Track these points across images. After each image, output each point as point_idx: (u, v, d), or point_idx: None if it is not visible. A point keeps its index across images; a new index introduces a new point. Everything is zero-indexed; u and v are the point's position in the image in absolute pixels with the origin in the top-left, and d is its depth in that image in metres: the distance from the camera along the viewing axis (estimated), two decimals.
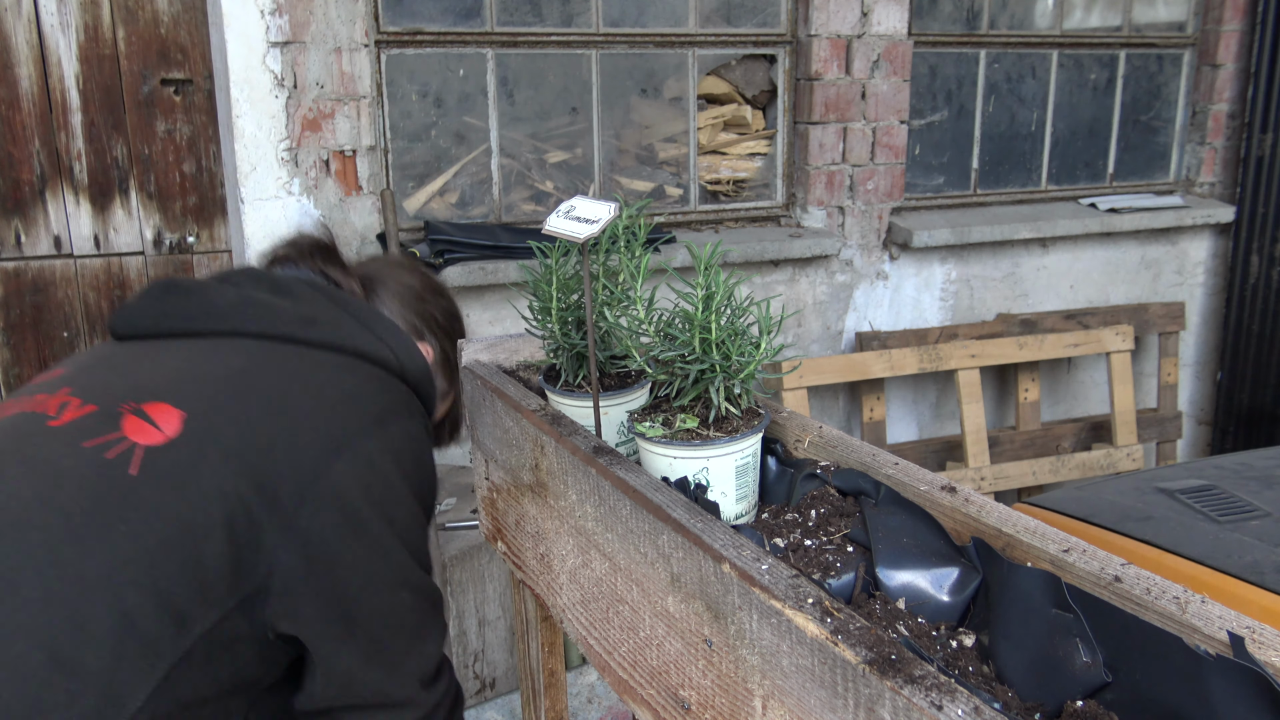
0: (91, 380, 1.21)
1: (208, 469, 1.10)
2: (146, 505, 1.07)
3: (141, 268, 3.01)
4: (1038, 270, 4.13)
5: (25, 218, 2.87)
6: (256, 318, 1.27)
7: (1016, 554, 0.86)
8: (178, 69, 2.94)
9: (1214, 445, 4.60)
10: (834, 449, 1.10)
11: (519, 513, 1.30)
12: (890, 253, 3.83)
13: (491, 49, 3.21)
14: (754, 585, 0.77)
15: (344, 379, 1.25)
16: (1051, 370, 4.24)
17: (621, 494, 0.97)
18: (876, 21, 3.58)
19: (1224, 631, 0.70)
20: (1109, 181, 4.38)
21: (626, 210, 1.18)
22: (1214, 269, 4.51)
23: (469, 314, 3.21)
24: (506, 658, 3.02)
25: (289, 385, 1.21)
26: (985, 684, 0.78)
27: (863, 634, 0.69)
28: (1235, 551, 1.72)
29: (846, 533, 0.96)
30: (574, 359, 1.26)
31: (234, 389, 1.18)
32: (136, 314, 1.31)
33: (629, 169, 3.54)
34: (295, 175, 2.92)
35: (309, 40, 2.87)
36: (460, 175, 3.28)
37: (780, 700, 0.76)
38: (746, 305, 1.06)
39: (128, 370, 1.22)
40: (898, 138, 3.74)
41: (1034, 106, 4.15)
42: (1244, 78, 4.32)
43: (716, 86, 3.60)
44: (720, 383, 1.04)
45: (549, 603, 1.26)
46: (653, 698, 0.98)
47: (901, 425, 4.01)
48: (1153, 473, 2.24)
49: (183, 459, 1.10)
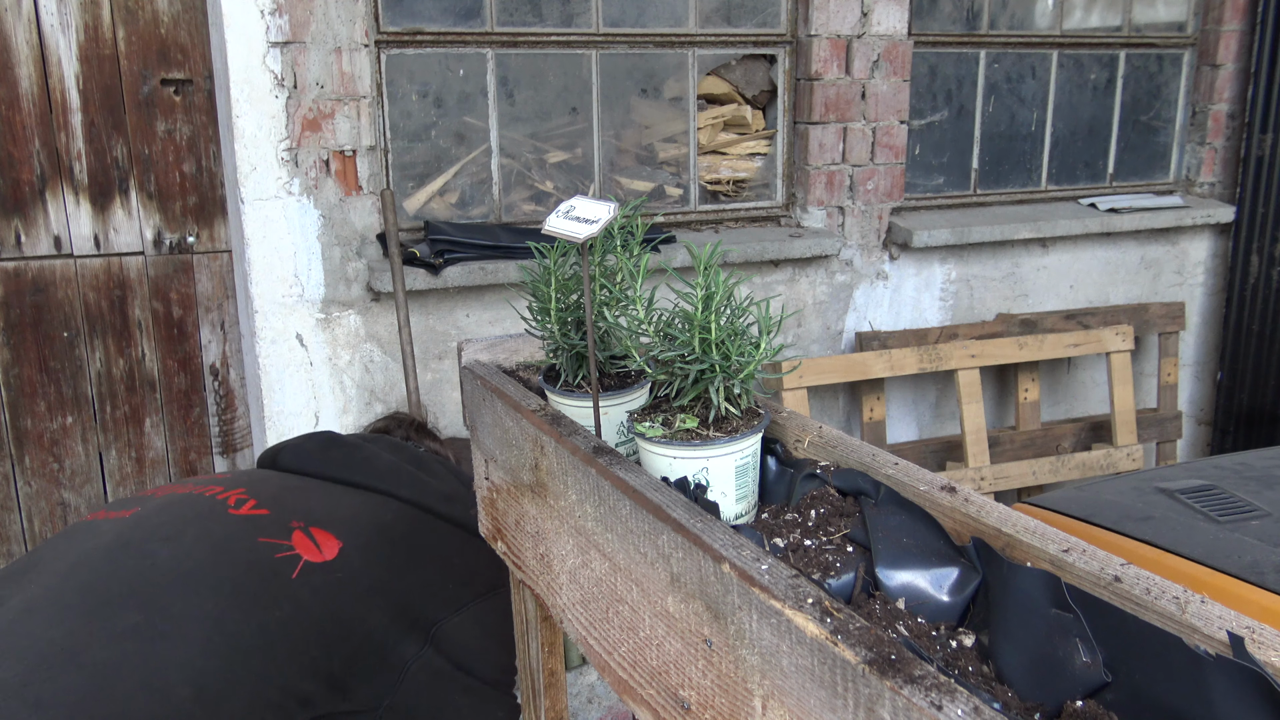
0: (265, 492, 1.48)
1: (353, 595, 1.35)
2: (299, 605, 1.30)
3: (141, 267, 3.01)
4: (1038, 270, 4.13)
5: (25, 218, 2.87)
6: (409, 486, 1.55)
7: (1016, 554, 0.86)
8: (178, 69, 2.94)
9: (1214, 445, 4.60)
10: (834, 449, 1.09)
11: (519, 513, 1.30)
12: (890, 253, 3.83)
13: (491, 49, 3.21)
14: (754, 585, 0.77)
15: (470, 553, 1.53)
16: (1051, 370, 4.24)
17: (621, 494, 0.97)
18: (876, 21, 3.59)
19: (1224, 631, 0.70)
20: (1109, 181, 4.38)
21: (624, 209, 1.18)
22: (1214, 269, 4.51)
23: (469, 314, 3.22)
24: None
25: (427, 548, 1.48)
26: (985, 684, 0.78)
27: (863, 634, 0.69)
28: (1235, 551, 1.72)
29: (846, 533, 0.96)
30: (573, 359, 1.26)
31: (386, 538, 1.46)
32: (303, 456, 1.59)
33: (629, 169, 3.54)
34: (295, 175, 2.92)
35: (309, 40, 2.87)
36: (460, 175, 3.28)
37: (780, 700, 0.76)
38: (746, 305, 1.06)
39: (298, 496, 1.50)
40: (898, 138, 3.74)
41: (1034, 106, 4.15)
42: (1244, 78, 4.32)
43: (716, 86, 3.60)
44: (720, 383, 1.04)
45: (549, 603, 1.26)
46: (652, 698, 0.98)
47: (901, 425, 4.01)
48: (1153, 473, 2.24)
49: (334, 581, 1.35)
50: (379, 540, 1.43)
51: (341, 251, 3.01)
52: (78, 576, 1.23)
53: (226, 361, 3.17)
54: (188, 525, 1.32)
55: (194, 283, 3.09)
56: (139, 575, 1.23)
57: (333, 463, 1.57)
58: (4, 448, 2.97)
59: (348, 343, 3.07)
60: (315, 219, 2.97)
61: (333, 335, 3.05)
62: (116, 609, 1.18)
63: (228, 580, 1.25)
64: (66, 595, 1.20)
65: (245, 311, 3.04)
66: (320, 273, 2.99)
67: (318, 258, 2.98)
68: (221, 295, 3.12)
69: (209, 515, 1.35)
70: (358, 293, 3.05)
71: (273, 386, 2.99)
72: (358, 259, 3.03)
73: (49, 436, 3.01)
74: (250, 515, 1.36)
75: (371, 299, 3.07)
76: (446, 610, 1.42)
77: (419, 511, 1.53)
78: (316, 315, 3.02)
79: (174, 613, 1.19)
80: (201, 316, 3.11)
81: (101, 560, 1.25)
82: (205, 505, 1.38)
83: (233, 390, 3.20)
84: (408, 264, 3.01)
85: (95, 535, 1.32)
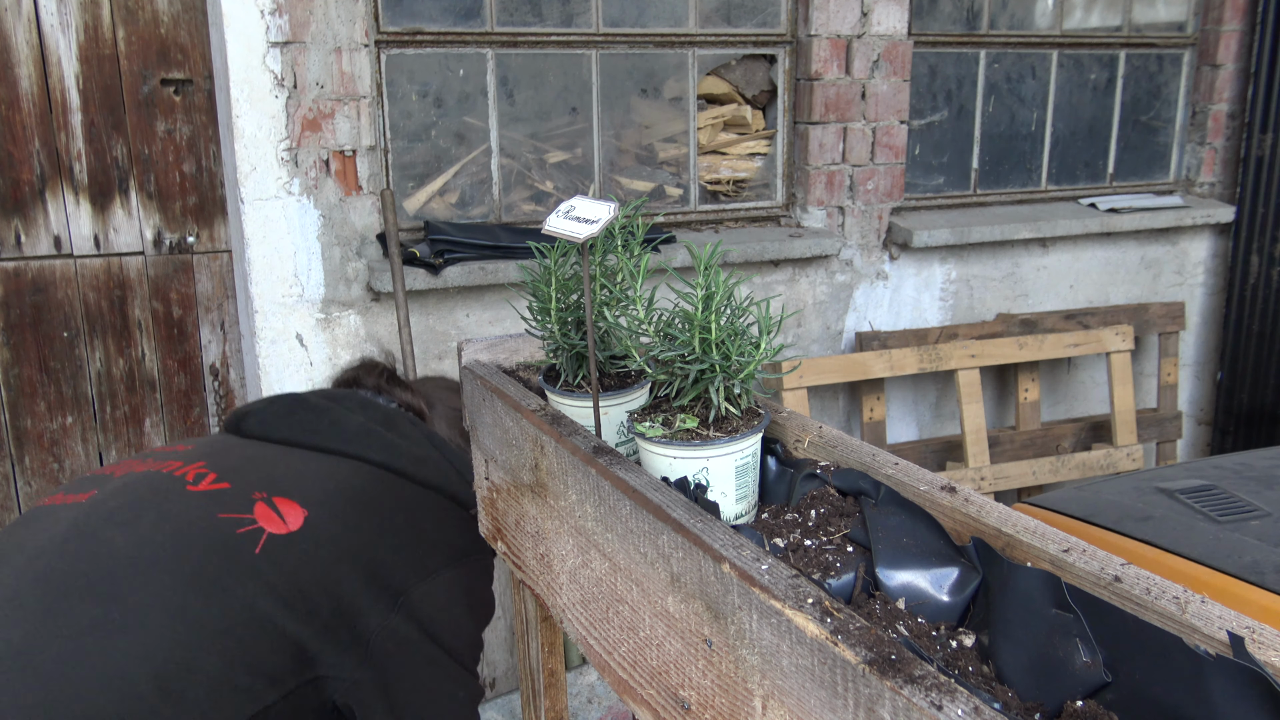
0: (226, 463, 1.42)
1: (319, 565, 1.31)
2: (264, 582, 1.25)
3: (141, 268, 3.01)
4: (1038, 270, 4.13)
5: (25, 218, 2.87)
6: (378, 449, 1.49)
7: (1016, 554, 0.86)
8: (178, 69, 2.94)
9: (1214, 445, 4.60)
10: (834, 449, 1.09)
11: (519, 513, 1.30)
12: (890, 253, 3.83)
13: (491, 49, 3.21)
14: (754, 585, 0.77)
15: (441, 517, 1.48)
16: (1051, 370, 4.24)
17: (621, 494, 0.97)
18: (876, 21, 3.58)
19: (1224, 631, 0.70)
20: (1109, 181, 4.38)
21: (624, 209, 1.18)
22: (1214, 269, 4.51)
23: (469, 314, 3.21)
24: (506, 658, 3.02)
25: (397, 513, 1.43)
26: (985, 684, 0.78)
27: (863, 634, 0.69)
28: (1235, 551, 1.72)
29: (846, 533, 0.96)
30: (574, 359, 1.26)
31: (352, 505, 1.40)
32: (268, 421, 1.54)
33: (629, 169, 3.54)
34: (295, 175, 2.92)
35: (309, 40, 2.87)
36: (460, 175, 3.28)
37: (780, 700, 0.76)
38: (746, 305, 1.06)
39: (260, 464, 1.44)
40: (898, 138, 3.74)
41: (1034, 106, 4.15)
42: (1244, 78, 4.32)
43: (716, 86, 3.60)
44: (720, 383, 1.04)
45: (549, 603, 1.26)
46: (653, 698, 0.98)
47: (901, 425, 4.01)
48: (1153, 473, 2.24)
49: (299, 552, 1.30)
50: (347, 507, 1.38)
51: (341, 251, 3.01)
52: (34, 570, 1.21)
53: (226, 361, 3.17)
54: (145, 508, 1.29)
55: (194, 283, 3.08)
56: (96, 565, 1.21)
57: (299, 427, 1.51)
58: (4, 448, 2.97)
59: (348, 343, 3.07)
60: (315, 219, 2.97)
61: (333, 335, 3.05)
62: (75, 603, 1.16)
63: (188, 564, 1.22)
64: (23, 593, 1.18)
65: (245, 311, 3.04)
66: (320, 273, 2.99)
67: (318, 258, 2.98)
68: (221, 295, 3.12)
69: (167, 495, 1.31)
70: (358, 293, 3.05)
71: (273, 386, 2.99)
72: (358, 259, 3.03)
73: (49, 436, 3.01)
74: (210, 491, 1.32)
75: (371, 299, 3.07)
76: (416, 576, 1.38)
77: (390, 475, 1.47)
78: (316, 315, 3.02)
79: (133, 603, 1.17)
80: (201, 316, 3.11)
81: (57, 552, 1.23)
82: (163, 484, 1.33)
83: (233, 390, 3.19)
84: (408, 264, 3.01)
85: (53, 523, 1.29)
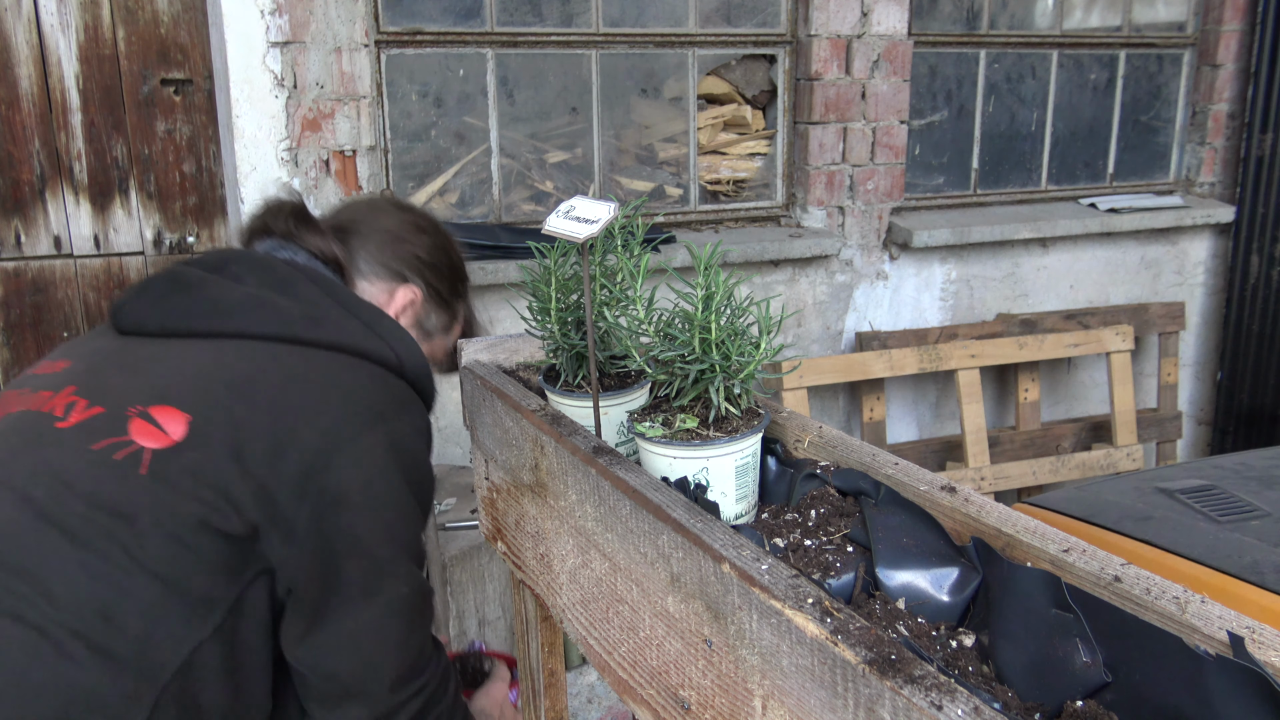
0: (97, 381, 1.26)
1: (212, 471, 1.16)
2: (160, 503, 1.14)
3: (141, 268, 3.01)
4: (1038, 270, 4.13)
5: (25, 218, 2.87)
6: (263, 320, 1.30)
7: (1016, 554, 0.86)
8: (178, 69, 2.94)
9: (1214, 445, 4.60)
10: (834, 449, 1.09)
11: (519, 513, 1.30)
12: (890, 253, 3.83)
13: (491, 49, 3.21)
14: (754, 585, 0.77)
15: (345, 378, 1.29)
16: (1051, 370, 4.24)
17: (621, 494, 0.97)
18: (876, 21, 3.58)
19: (1224, 631, 0.70)
20: (1109, 181, 4.38)
21: (624, 209, 1.18)
22: (1214, 269, 4.51)
23: None
24: None
25: (292, 387, 1.25)
26: (985, 684, 0.78)
27: (863, 634, 0.69)
28: (1235, 551, 1.72)
29: (846, 533, 0.96)
30: (573, 359, 1.26)
31: (239, 393, 1.22)
32: (142, 311, 1.34)
33: (629, 169, 3.54)
34: (295, 175, 2.92)
35: (309, 40, 2.87)
36: (460, 175, 3.28)
37: (780, 700, 0.76)
38: (746, 305, 1.06)
39: (134, 371, 1.27)
40: (898, 138, 3.74)
41: (1034, 106, 4.15)
42: (1244, 78, 4.32)
43: (716, 86, 3.60)
44: (720, 383, 1.04)
45: (549, 603, 1.26)
46: (653, 698, 0.98)
47: (901, 425, 4.01)
48: (1153, 473, 2.24)
49: (188, 462, 1.16)
50: (231, 397, 1.21)
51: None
52: None
53: None
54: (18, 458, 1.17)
55: None
56: None
57: (174, 313, 1.32)
58: None
59: None
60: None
61: None
62: None
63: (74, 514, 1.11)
64: None
65: None
66: None
67: None
68: None
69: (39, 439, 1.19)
70: None
71: None
72: None
73: None
74: (81, 422, 1.19)
75: None
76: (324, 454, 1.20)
77: (280, 345, 1.28)
78: None
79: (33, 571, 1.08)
80: None
81: None
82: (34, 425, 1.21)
83: None
84: None
85: None
